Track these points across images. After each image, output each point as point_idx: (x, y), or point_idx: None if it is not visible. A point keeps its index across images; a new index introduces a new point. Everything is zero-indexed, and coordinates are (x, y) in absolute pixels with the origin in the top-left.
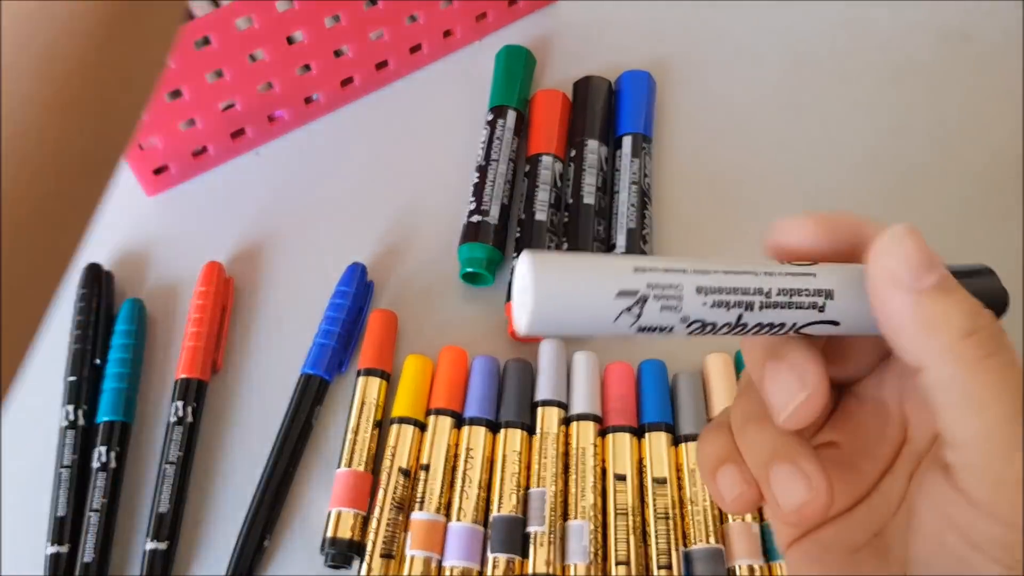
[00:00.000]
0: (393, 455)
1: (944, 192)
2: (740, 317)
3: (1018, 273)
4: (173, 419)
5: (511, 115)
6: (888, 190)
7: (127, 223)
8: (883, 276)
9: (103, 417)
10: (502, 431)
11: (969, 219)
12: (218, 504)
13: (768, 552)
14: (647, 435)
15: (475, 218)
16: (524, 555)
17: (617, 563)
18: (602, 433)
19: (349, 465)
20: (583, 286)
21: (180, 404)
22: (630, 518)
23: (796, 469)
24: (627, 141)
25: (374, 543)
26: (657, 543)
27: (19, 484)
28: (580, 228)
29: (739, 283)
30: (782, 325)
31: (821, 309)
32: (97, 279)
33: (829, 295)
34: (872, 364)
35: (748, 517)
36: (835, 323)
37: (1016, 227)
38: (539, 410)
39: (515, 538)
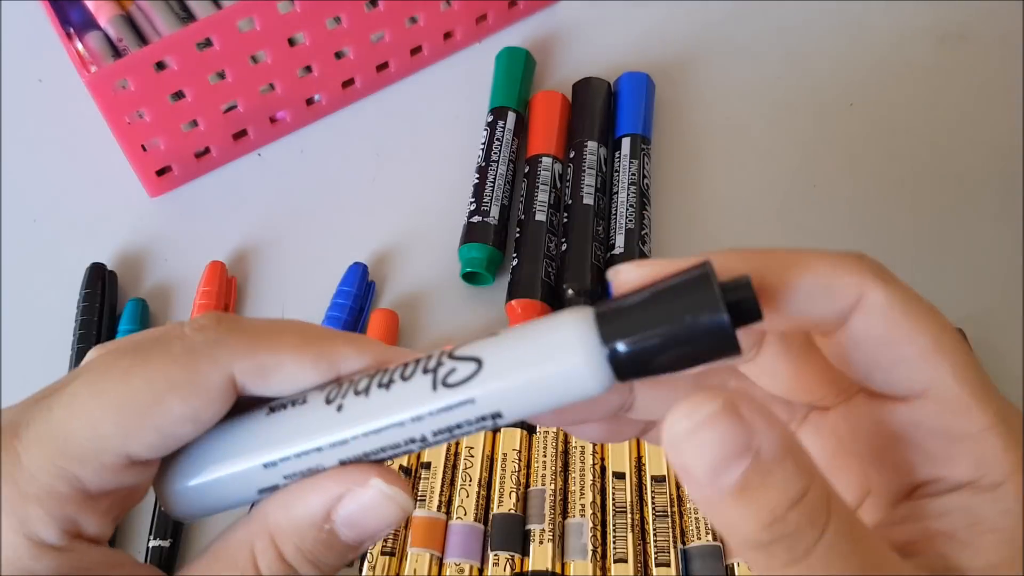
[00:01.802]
0: None
1: (943, 192)
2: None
3: (1018, 273)
4: None
5: (511, 116)
6: (887, 190)
7: (130, 224)
8: (674, 463)
9: None
10: (501, 430)
11: (969, 219)
12: None
13: None
14: None
15: (475, 218)
16: (524, 553)
17: (616, 560)
18: None
19: None
20: (223, 496)
21: None
22: (629, 516)
23: None
24: (626, 142)
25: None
26: (656, 540)
27: None
28: (579, 229)
29: (385, 441)
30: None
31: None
32: (101, 279)
33: (497, 416)
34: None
35: None
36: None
37: (1016, 227)
38: None
39: (515, 536)
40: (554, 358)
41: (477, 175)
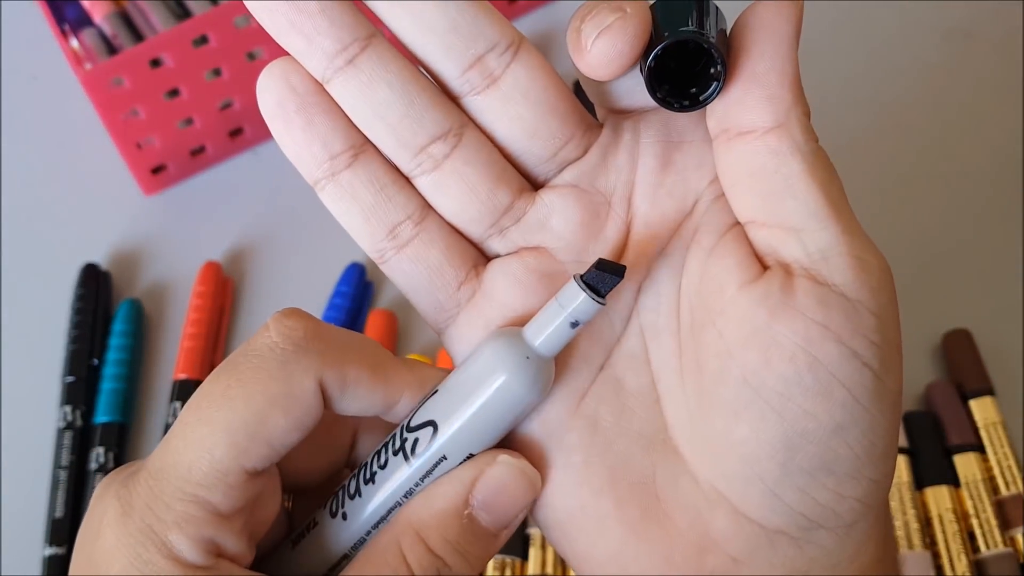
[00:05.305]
0: None
1: (944, 191)
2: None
3: (1018, 273)
4: (171, 420)
5: None
6: (888, 188)
7: (125, 223)
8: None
9: (101, 418)
10: None
11: (969, 219)
12: None
13: None
14: None
15: None
16: (524, 557)
17: None
18: None
19: None
20: None
21: (178, 405)
22: None
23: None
24: None
25: None
26: None
27: (16, 485)
28: None
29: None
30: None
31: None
32: (95, 279)
33: (471, 457)
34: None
35: None
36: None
37: (1016, 227)
38: None
39: (515, 540)
40: (486, 385)
41: None
